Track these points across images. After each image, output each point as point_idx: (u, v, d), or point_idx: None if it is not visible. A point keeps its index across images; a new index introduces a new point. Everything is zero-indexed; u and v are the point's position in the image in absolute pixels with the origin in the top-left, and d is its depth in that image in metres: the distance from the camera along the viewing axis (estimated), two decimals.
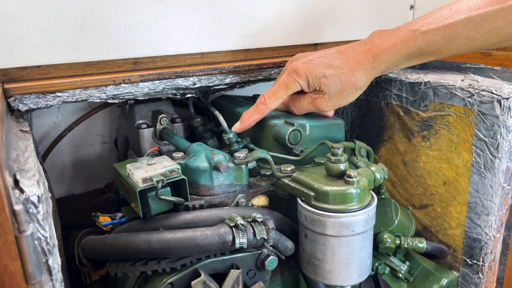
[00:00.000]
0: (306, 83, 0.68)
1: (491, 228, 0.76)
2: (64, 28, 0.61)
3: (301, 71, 0.68)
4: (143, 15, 0.66)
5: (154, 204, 0.58)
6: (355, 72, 0.67)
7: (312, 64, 0.68)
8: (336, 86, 0.68)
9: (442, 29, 0.63)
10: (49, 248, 0.40)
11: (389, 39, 0.66)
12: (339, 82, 0.68)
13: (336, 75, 0.67)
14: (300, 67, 0.68)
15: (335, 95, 0.69)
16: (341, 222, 0.56)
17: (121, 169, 0.63)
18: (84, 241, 0.62)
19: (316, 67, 0.67)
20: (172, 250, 0.52)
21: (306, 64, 0.68)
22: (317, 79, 0.67)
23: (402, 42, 0.65)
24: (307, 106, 0.71)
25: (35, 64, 0.60)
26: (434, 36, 0.64)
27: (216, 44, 0.74)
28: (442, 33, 0.63)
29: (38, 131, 0.92)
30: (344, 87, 0.68)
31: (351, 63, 0.67)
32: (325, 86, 0.68)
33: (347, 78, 0.67)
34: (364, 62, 0.67)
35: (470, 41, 0.62)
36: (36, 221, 0.39)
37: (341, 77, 0.67)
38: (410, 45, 0.65)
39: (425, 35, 0.64)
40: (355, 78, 0.68)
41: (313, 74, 0.67)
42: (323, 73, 0.67)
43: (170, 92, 0.72)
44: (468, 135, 0.76)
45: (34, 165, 0.44)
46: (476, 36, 0.62)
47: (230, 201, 0.62)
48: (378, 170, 0.63)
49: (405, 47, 0.65)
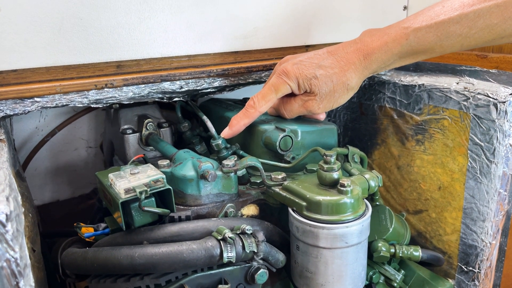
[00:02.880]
0: (296, 85, 0.66)
1: (487, 235, 0.75)
2: (42, 30, 0.58)
3: (291, 72, 0.66)
4: (126, 16, 0.63)
5: (138, 216, 0.55)
6: (346, 72, 0.66)
7: (302, 65, 0.66)
8: (327, 87, 0.66)
9: (434, 26, 0.61)
10: (20, 269, 0.37)
11: (380, 38, 0.64)
12: (330, 83, 0.66)
13: (327, 75, 0.65)
14: (290, 68, 0.66)
15: (327, 96, 0.67)
16: (334, 234, 0.54)
17: (104, 178, 0.60)
18: (64, 255, 0.59)
19: (306, 68, 0.65)
20: (156, 266, 0.49)
21: (296, 66, 0.66)
22: (307, 80, 0.65)
23: (393, 40, 0.63)
24: (298, 109, 0.69)
25: (10, 68, 0.57)
26: (426, 34, 0.62)
27: (203, 46, 0.71)
28: (434, 30, 0.61)
29: (20, 136, 0.88)
30: (336, 88, 0.66)
31: (342, 63, 0.66)
32: (316, 87, 0.66)
33: (338, 78, 0.66)
34: (355, 62, 0.65)
35: (463, 38, 0.61)
36: (4, 241, 0.36)
37: (332, 77, 0.65)
38: (402, 43, 0.63)
39: (417, 33, 0.62)
40: (346, 78, 0.66)
41: (304, 75, 0.65)
42: (313, 74, 0.65)
43: (156, 96, 0.69)
44: (463, 139, 0.74)
45: (5, 179, 0.41)
46: (470, 33, 0.60)
47: (219, 211, 0.60)
48: (372, 177, 0.61)
49: (396, 45, 0.63)
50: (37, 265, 0.57)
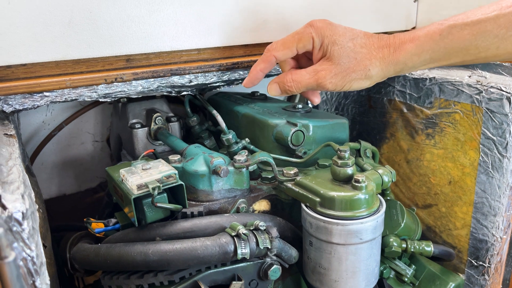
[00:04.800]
0: (320, 43, 0.63)
1: (498, 229, 0.74)
2: (51, 23, 0.56)
3: (321, 29, 0.63)
4: (136, 9, 0.62)
5: (150, 212, 0.54)
6: (373, 58, 0.62)
7: (335, 29, 0.63)
8: (348, 61, 0.62)
9: (470, 24, 0.59)
10: (36, 268, 0.37)
11: (413, 33, 0.62)
12: (353, 59, 0.62)
13: (353, 50, 0.62)
14: (321, 25, 0.63)
15: (342, 72, 0.63)
16: (348, 230, 0.53)
17: (114, 173, 0.60)
18: (75, 250, 0.59)
19: (338, 34, 0.62)
20: (170, 262, 0.49)
21: (329, 26, 0.63)
22: (332, 44, 0.62)
23: (426, 35, 0.61)
24: (307, 80, 0.64)
25: (20, 63, 0.56)
26: (462, 30, 0.59)
27: (213, 40, 0.69)
28: (470, 28, 0.59)
29: (26, 131, 0.88)
30: (355, 68, 0.63)
31: (372, 48, 0.63)
32: (338, 55, 0.62)
33: (363, 59, 0.62)
34: (385, 52, 0.63)
35: (500, 40, 0.58)
36: (20, 240, 0.35)
37: (358, 55, 0.62)
38: (435, 38, 0.60)
39: (452, 29, 0.60)
40: (370, 63, 0.62)
41: (331, 38, 0.62)
42: (342, 42, 0.62)
43: (165, 90, 0.68)
44: (475, 133, 0.73)
45: (19, 176, 0.40)
46: (507, 35, 0.58)
47: (230, 206, 0.59)
48: (385, 173, 0.61)
49: (428, 40, 0.61)
50: (49, 261, 0.57)
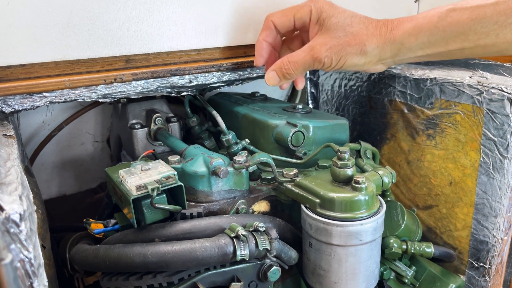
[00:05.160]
0: (317, 16, 0.65)
1: (499, 230, 0.74)
2: (50, 24, 0.56)
3: (321, 4, 0.65)
4: (136, 9, 0.62)
5: (149, 213, 0.54)
6: (370, 34, 0.63)
7: (336, 7, 0.65)
8: (344, 35, 0.63)
9: (469, 9, 0.58)
10: (34, 269, 0.36)
11: (412, 16, 0.63)
12: (349, 33, 0.63)
13: (350, 25, 0.63)
14: (323, 2, 0.65)
15: (338, 45, 0.63)
16: (348, 231, 0.53)
17: (114, 174, 0.59)
18: (74, 251, 0.59)
19: (337, 11, 0.64)
20: (169, 264, 0.49)
21: (330, 4, 0.65)
22: (329, 18, 0.64)
23: (424, 17, 0.61)
24: (304, 58, 0.65)
25: (19, 63, 0.56)
26: (461, 15, 0.59)
27: (213, 40, 0.69)
28: (469, 13, 0.58)
29: (26, 131, 0.87)
30: (351, 42, 0.63)
31: (370, 26, 0.64)
32: (334, 28, 0.64)
33: (359, 33, 0.63)
34: (382, 30, 0.63)
35: (499, 27, 0.57)
36: (18, 241, 0.35)
37: (354, 28, 0.63)
38: (433, 20, 0.60)
39: (451, 12, 0.59)
40: (366, 38, 0.63)
41: (330, 13, 0.64)
42: (339, 17, 0.64)
43: (165, 91, 0.68)
44: (476, 134, 0.73)
45: (17, 177, 0.40)
46: (507, 22, 0.57)
47: (230, 207, 0.59)
48: (385, 174, 0.60)
49: (427, 22, 0.61)
50: (48, 262, 0.57)
